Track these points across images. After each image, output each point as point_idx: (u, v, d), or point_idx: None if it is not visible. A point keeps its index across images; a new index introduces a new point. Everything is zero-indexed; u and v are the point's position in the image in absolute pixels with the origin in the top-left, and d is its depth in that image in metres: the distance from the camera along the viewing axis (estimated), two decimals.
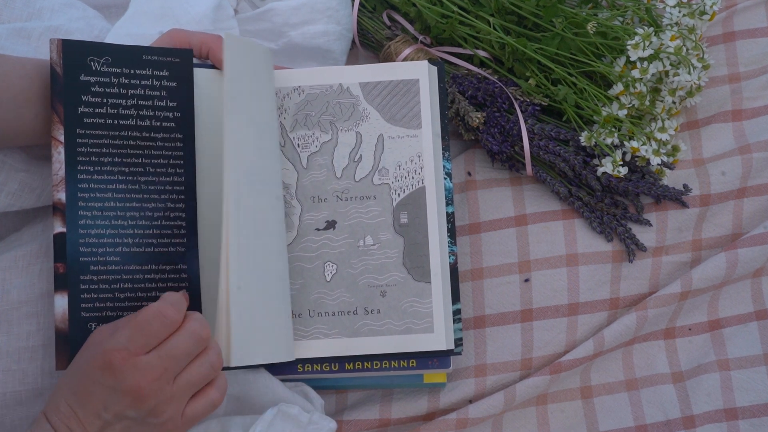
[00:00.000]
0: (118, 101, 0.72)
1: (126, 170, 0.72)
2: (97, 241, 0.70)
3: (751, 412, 0.85)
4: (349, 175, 0.80)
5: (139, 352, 0.62)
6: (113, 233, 0.71)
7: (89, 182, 0.70)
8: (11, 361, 0.68)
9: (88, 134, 0.71)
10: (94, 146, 0.71)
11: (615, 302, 0.87)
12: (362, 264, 0.79)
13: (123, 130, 0.72)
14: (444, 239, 0.80)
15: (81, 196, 0.70)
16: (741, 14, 0.97)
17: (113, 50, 0.72)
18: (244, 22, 0.87)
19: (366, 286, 0.79)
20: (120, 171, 0.71)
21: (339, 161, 0.81)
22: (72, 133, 0.70)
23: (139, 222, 0.72)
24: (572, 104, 0.88)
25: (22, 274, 0.70)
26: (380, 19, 0.96)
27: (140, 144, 0.73)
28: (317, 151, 0.81)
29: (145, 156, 0.73)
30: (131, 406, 0.62)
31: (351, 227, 0.80)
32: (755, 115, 0.93)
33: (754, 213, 0.89)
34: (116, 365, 0.61)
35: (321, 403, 0.82)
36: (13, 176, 0.70)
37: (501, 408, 0.82)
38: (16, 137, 0.69)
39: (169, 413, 0.63)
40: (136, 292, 0.70)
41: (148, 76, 0.73)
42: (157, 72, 0.73)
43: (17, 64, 0.69)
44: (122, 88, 0.72)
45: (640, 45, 0.84)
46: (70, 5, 0.81)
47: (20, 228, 0.74)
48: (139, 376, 0.61)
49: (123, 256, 0.71)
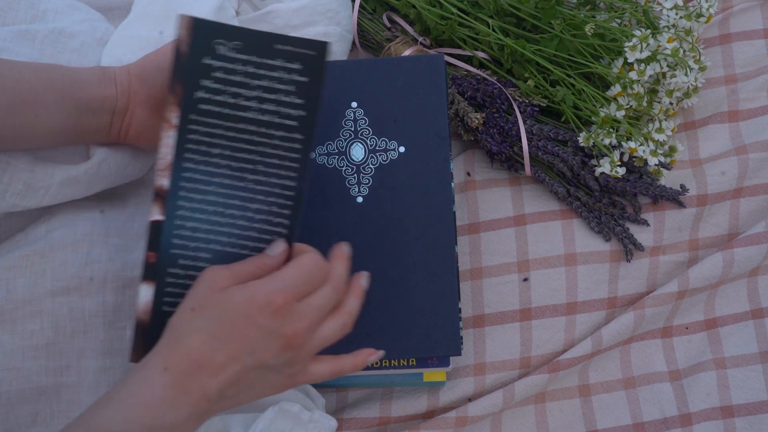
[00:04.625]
0: (240, 91, 0.66)
1: (234, 165, 0.66)
2: (191, 235, 0.66)
3: (747, 410, 0.85)
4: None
5: (299, 299, 0.62)
6: (209, 229, 0.66)
7: (194, 172, 0.65)
8: (15, 359, 0.68)
9: (201, 121, 0.65)
10: (206, 135, 0.65)
11: (613, 301, 0.88)
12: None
13: (239, 122, 0.66)
14: None
15: (183, 185, 0.65)
16: (737, 16, 0.98)
17: (245, 35, 0.65)
18: (246, 24, 0.87)
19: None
20: (227, 165, 0.66)
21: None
22: (186, 119, 0.65)
23: (238, 222, 0.67)
24: (570, 105, 0.88)
25: (25, 274, 0.70)
26: (380, 20, 0.96)
27: (255, 140, 0.66)
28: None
29: (258, 153, 0.67)
30: (279, 353, 0.61)
31: None
32: (751, 116, 0.94)
33: (751, 213, 0.90)
34: (282, 308, 0.60)
35: (322, 402, 0.82)
36: (18, 177, 0.70)
37: (500, 406, 0.83)
38: (15, 142, 0.69)
39: (301, 365, 0.63)
40: None
41: (278, 68, 0.66)
42: (288, 64, 0.66)
43: (15, 68, 0.69)
44: (247, 77, 0.66)
45: (638, 47, 0.84)
46: (73, 7, 0.81)
47: (24, 228, 0.74)
48: (298, 323, 0.61)
49: (215, 254, 0.66)
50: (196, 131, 0.65)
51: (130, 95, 0.73)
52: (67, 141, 0.72)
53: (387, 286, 0.79)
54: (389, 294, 0.79)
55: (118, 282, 0.72)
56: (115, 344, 0.71)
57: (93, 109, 0.71)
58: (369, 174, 0.80)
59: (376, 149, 0.81)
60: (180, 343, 0.60)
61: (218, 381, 0.60)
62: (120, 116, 0.74)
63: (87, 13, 0.82)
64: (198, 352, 0.59)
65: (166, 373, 0.59)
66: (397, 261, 0.79)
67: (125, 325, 0.71)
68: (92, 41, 0.80)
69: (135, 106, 0.74)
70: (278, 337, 0.61)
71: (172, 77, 0.65)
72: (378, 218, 0.80)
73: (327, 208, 0.80)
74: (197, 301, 0.61)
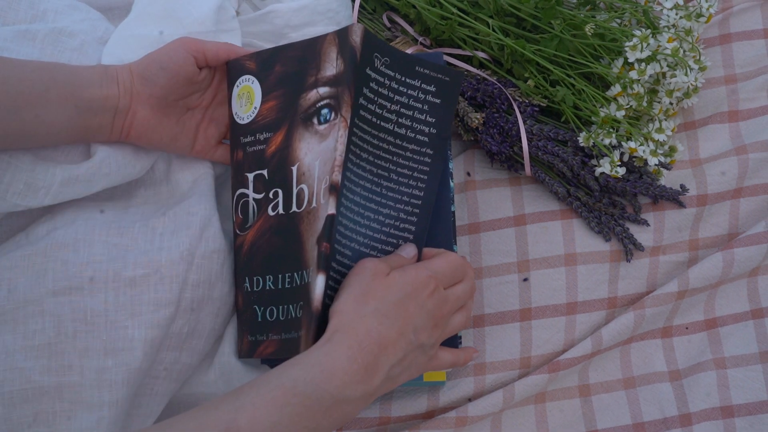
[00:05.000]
0: (385, 103, 0.72)
1: (374, 170, 0.72)
2: (343, 231, 0.70)
3: (747, 410, 0.85)
4: None
5: (445, 287, 0.71)
6: (353, 228, 0.71)
7: (350, 172, 0.70)
8: (17, 359, 0.68)
9: (359, 126, 0.71)
10: (360, 139, 0.71)
11: (613, 301, 0.88)
12: None
13: (381, 132, 0.72)
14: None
15: (345, 183, 0.70)
16: (737, 16, 0.98)
17: (393, 53, 0.72)
18: (246, 24, 0.87)
19: None
20: (370, 170, 0.72)
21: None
22: (353, 120, 0.70)
23: (372, 224, 0.72)
24: (570, 105, 0.88)
25: (27, 273, 0.70)
26: (380, 20, 0.96)
27: (392, 150, 0.73)
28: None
29: (393, 162, 0.73)
30: (431, 332, 0.69)
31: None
32: (751, 116, 0.94)
33: (751, 213, 0.90)
34: (437, 289, 0.69)
35: None
36: (19, 177, 0.70)
37: (500, 406, 0.83)
38: (17, 140, 0.70)
39: (436, 348, 0.72)
40: None
41: (416, 87, 0.73)
42: (425, 86, 0.74)
43: (17, 67, 0.69)
44: (391, 92, 0.72)
45: (638, 47, 0.85)
46: (74, 7, 0.82)
47: (26, 227, 0.74)
48: (444, 306, 0.71)
49: (353, 252, 0.71)
50: (356, 134, 0.70)
51: (132, 94, 0.73)
52: (69, 139, 0.72)
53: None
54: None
55: (119, 282, 0.72)
56: (117, 344, 0.71)
57: (95, 108, 0.71)
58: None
59: None
60: (359, 324, 0.65)
61: (391, 359, 0.65)
62: (122, 115, 0.74)
63: (87, 13, 0.82)
64: (376, 331, 0.65)
65: (350, 349, 0.64)
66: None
67: (127, 324, 0.71)
68: (92, 40, 0.80)
69: (137, 105, 0.74)
70: (432, 316, 0.69)
71: (349, 79, 0.69)
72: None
73: None
74: (364, 287, 0.67)
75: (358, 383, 0.63)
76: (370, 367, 0.64)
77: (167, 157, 0.82)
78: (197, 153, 0.81)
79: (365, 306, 0.66)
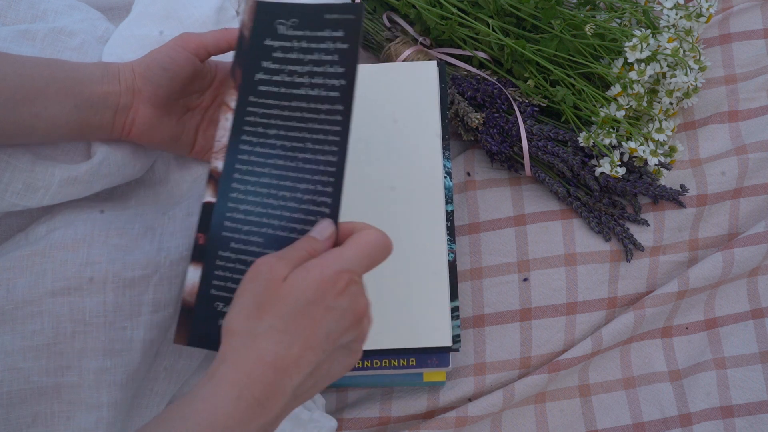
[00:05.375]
0: (295, 68, 0.65)
1: (288, 144, 0.65)
2: (244, 218, 0.64)
3: (747, 410, 0.85)
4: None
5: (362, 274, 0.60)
6: (262, 212, 0.64)
7: (250, 154, 0.65)
8: (16, 359, 0.68)
9: (260, 103, 0.65)
10: (263, 116, 0.65)
11: (613, 301, 0.88)
12: None
13: (293, 100, 0.65)
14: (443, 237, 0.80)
15: (238, 167, 0.65)
16: (737, 16, 0.98)
17: (300, 10, 0.66)
18: None
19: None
20: (282, 145, 0.65)
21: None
22: (244, 101, 0.65)
23: (289, 204, 0.64)
24: (570, 105, 0.88)
25: (26, 274, 0.70)
26: (380, 20, 0.96)
27: (306, 116, 0.65)
28: None
29: (308, 130, 0.65)
30: (350, 329, 0.59)
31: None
32: (751, 116, 0.94)
33: (750, 213, 0.90)
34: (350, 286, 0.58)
35: (322, 402, 0.82)
36: (18, 176, 0.70)
37: (500, 406, 0.83)
38: (15, 136, 0.69)
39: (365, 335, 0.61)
40: None
41: (326, 38, 0.65)
42: (333, 33, 0.65)
43: (16, 63, 0.69)
44: (301, 53, 0.65)
45: (638, 47, 0.85)
46: (74, 7, 0.82)
47: (25, 228, 0.74)
48: (363, 299, 0.59)
49: (266, 238, 0.64)
50: (255, 113, 0.65)
51: (134, 92, 0.73)
52: (69, 136, 0.72)
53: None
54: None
55: (118, 282, 0.71)
56: (116, 345, 0.70)
57: (95, 105, 0.71)
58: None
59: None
60: (249, 349, 0.56)
61: (295, 380, 0.56)
62: (123, 113, 0.73)
63: (87, 13, 0.82)
64: (272, 353, 0.55)
65: (235, 387, 0.55)
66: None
67: (126, 325, 0.71)
68: (92, 40, 0.80)
69: (139, 104, 0.74)
70: (349, 314, 0.58)
71: (234, 63, 0.65)
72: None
73: None
74: (258, 298, 0.57)
75: (250, 421, 0.55)
76: (265, 399, 0.55)
77: (166, 157, 0.82)
78: (196, 154, 0.81)
79: (259, 323, 0.56)
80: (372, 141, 0.79)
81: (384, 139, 0.80)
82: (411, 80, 0.81)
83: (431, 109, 0.80)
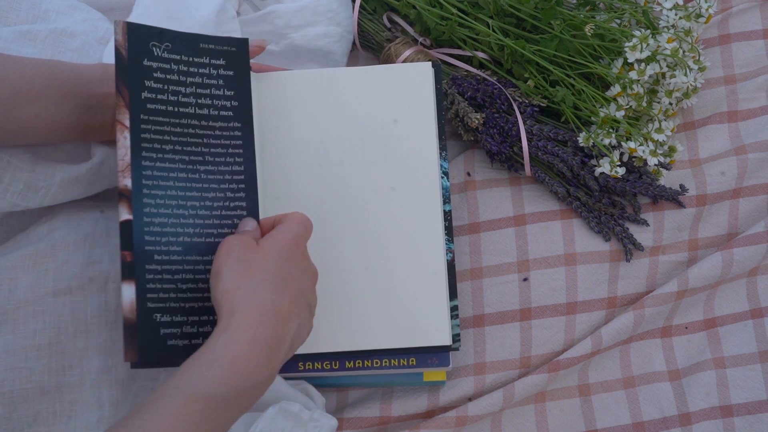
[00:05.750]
0: (178, 88, 0.70)
1: (186, 158, 0.70)
2: (160, 230, 0.67)
3: (747, 410, 0.85)
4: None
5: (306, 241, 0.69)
6: (175, 222, 0.68)
7: (152, 169, 0.68)
8: (18, 359, 0.68)
9: (151, 120, 0.68)
10: (157, 133, 0.69)
11: (612, 301, 0.88)
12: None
13: (183, 118, 0.70)
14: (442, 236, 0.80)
15: (145, 183, 0.67)
16: (736, 17, 0.98)
17: (173, 37, 0.70)
18: (246, 24, 0.87)
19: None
20: (180, 159, 0.70)
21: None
22: (137, 119, 0.68)
23: (200, 212, 0.70)
24: (570, 105, 0.88)
25: (28, 273, 0.70)
26: (380, 21, 0.97)
27: (199, 132, 0.71)
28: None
29: (204, 145, 0.71)
30: (312, 289, 0.68)
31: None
32: (750, 116, 0.94)
33: (750, 213, 0.90)
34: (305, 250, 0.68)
35: (322, 401, 0.82)
36: (19, 176, 0.70)
37: (500, 406, 0.83)
38: (15, 137, 0.70)
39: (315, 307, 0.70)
40: (197, 283, 0.68)
41: (206, 65, 0.71)
42: (214, 60, 0.72)
43: (17, 63, 0.69)
44: (182, 75, 0.70)
45: (638, 47, 0.85)
46: (75, 8, 0.82)
47: (26, 228, 0.74)
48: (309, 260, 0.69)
49: (185, 246, 0.68)
50: (148, 130, 0.68)
51: None
52: (69, 137, 0.73)
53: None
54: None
55: (119, 282, 0.72)
56: (117, 344, 0.71)
57: (95, 106, 0.71)
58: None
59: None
60: (254, 299, 0.61)
61: (291, 328, 0.63)
62: None
63: (88, 13, 0.82)
64: (271, 302, 0.62)
65: (251, 331, 0.60)
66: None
67: None
68: (93, 41, 0.80)
69: None
70: (311, 274, 0.68)
71: (117, 81, 0.68)
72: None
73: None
74: (243, 260, 0.63)
75: (264, 366, 0.60)
76: (273, 343, 0.61)
77: None
78: None
79: (251, 278, 0.62)
80: (368, 142, 0.79)
81: (380, 141, 0.80)
82: (406, 81, 0.81)
83: (427, 110, 0.80)
